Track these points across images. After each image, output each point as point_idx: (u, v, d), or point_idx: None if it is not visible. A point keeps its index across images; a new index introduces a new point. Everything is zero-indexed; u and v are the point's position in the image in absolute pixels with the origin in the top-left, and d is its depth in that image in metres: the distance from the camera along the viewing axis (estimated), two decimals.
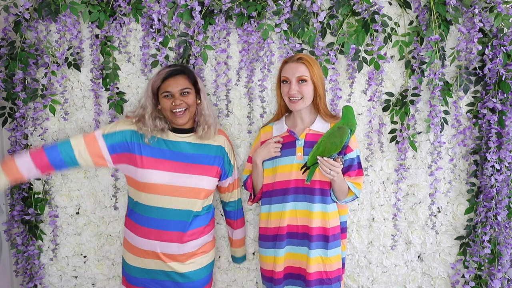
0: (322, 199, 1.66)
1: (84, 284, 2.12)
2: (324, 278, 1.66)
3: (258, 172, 1.76)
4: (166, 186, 1.62)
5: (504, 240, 1.83)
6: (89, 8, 1.85)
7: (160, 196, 1.62)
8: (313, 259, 1.65)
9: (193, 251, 1.68)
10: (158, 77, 1.63)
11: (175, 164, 1.64)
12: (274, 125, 1.78)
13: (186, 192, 1.63)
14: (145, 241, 1.64)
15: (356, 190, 1.65)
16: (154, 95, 1.66)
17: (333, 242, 1.67)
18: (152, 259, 1.66)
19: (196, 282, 1.70)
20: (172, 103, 1.61)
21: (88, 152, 1.61)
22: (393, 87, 1.90)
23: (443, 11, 1.74)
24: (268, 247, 1.73)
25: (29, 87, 1.93)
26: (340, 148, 1.54)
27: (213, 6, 1.83)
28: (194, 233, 1.67)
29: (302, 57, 1.64)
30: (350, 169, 1.67)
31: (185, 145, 1.68)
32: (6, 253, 2.08)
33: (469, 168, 1.89)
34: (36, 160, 1.57)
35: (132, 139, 1.64)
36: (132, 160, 1.63)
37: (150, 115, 1.64)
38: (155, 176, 1.61)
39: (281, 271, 1.70)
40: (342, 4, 1.80)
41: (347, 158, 1.67)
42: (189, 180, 1.63)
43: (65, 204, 2.05)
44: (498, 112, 1.78)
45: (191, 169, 1.65)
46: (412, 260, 1.99)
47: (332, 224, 1.66)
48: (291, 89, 1.63)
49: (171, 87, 1.61)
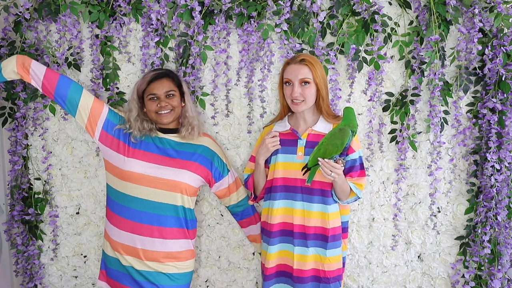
0: (322, 200, 1.65)
1: (84, 284, 2.12)
2: (321, 277, 1.66)
3: (259, 171, 1.76)
4: (147, 177, 1.65)
5: (504, 240, 1.83)
6: (89, 8, 1.85)
7: (140, 187, 1.66)
8: (309, 257, 1.66)
9: (175, 252, 1.69)
10: (144, 80, 1.71)
11: (158, 157, 1.70)
12: (277, 124, 1.78)
13: (166, 185, 1.66)
14: (125, 234, 1.67)
15: (358, 191, 1.65)
16: (139, 98, 1.73)
17: (333, 243, 1.66)
18: (131, 256, 1.67)
19: (175, 286, 1.70)
20: (158, 105, 1.68)
21: (90, 110, 1.67)
22: (393, 87, 1.90)
23: (443, 11, 1.74)
24: (264, 242, 1.74)
25: (29, 87, 1.93)
26: (341, 149, 1.53)
27: (213, 6, 1.83)
28: (175, 232, 1.69)
29: (304, 59, 1.63)
30: (352, 170, 1.67)
31: (170, 142, 1.74)
32: (6, 253, 2.08)
33: (469, 168, 1.89)
34: (48, 75, 1.65)
35: (112, 118, 1.72)
36: (119, 147, 1.69)
37: (135, 118, 1.70)
38: (138, 166, 1.66)
39: (272, 267, 1.70)
40: (342, 4, 1.80)
41: (349, 159, 1.67)
42: (169, 173, 1.67)
43: (65, 204, 2.06)
44: (498, 112, 1.78)
45: (172, 163, 1.70)
46: (412, 260, 1.99)
47: (333, 225, 1.66)
48: (293, 91, 1.62)
49: (157, 89, 1.68)
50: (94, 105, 1.69)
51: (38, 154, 2.03)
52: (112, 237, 1.71)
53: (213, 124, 1.96)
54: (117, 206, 1.69)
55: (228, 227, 2.02)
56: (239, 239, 2.03)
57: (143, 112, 1.73)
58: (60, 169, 2.04)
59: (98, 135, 1.70)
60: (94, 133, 1.70)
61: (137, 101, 1.72)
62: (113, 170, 1.70)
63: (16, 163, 1.98)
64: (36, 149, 2.03)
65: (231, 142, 1.98)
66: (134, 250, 1.67)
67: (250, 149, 1.97)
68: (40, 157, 2.03)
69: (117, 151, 1.69)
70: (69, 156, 2.03)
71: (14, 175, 2.00)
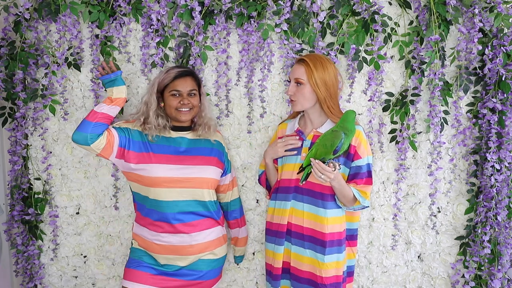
0: (321, 203, 1.64)
1: (84, 284, 2.12)
2: (318, 283, 1.64)
3: (269, 170, 1.80)
4: (172, 179, 1.65)
5: (504, 240, 1.83)
6: (89, 8, 1.85)
7: (169, 189, 1.65)
8: (306, 258, 1.66)
9: (211, 241, 1.73)
10: (168, 75, 1.69)
11: (177, 157, 1.69)
12: (289, 123, 1.79)
13: (192, 183, 1.67)
14: (167, 236, 1.67)
15: (361, 199, 1.60)
16: (158, 93, 1.71)
17: (332, 248, 1.63)
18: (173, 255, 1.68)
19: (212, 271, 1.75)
20: (180, 102, 1.68)
21: (106, 139, 1.63)
22: (393, 87, 1.90)
23: (443, 11, 1.74)
24: (270, 241, 1.75)
25: (29, 87, 1.93)
26: (331, 151, 1.49)
27: (213, 6, 1.83)
28: (208, 223, 1.72)
29: (304, 59, 1.63)
30: (357, 177, 1.63)
31: (184, 140, 1.74)
32: (6, 253, 2.08)
33: (469, 168, 1.89)
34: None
35: (135, 137, 1.68)
36: (138, 157, 1.66)
37: (154, 112, 1.69)
38: (161, 171, 1.65)
39: (279, 268, 1.71)
40: (342, 4, 1.80)
41: (354, 165, 1.63)
42: (192, 171, 1.68)
43: (65, 204, 2.05)
44: (498, 112, 1.78)
45: (193, 160, 1.71)
46: (412, 260, 1.99)
47: (332, 230, 1.63)
48: (289, 89, 1.65)
49: (181, 86, 1.68)
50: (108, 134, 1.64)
51: (38, 154, 2.03)
52: (153, 241, 1.69)
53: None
54: (155, 213, 1.67)
55: (228, 227, 2.02)
56: None
57: (159, 107, 1.72)
58: (60, 169, 2.04)
59: (114, 155, 1.66)
60: (109, 156, 1.66)
61: (156, 95, 1.71)
62: (138, 179, 1.68)
63: (16, 163, 1.98)
64: (36, 149, 2.03)
65: (231, 142, 1.98)
66: (176, 249, 1.68)
67: (250, 149, 1.97)
68: (40, 157, 2.03)
69: (137, 161, 1.66)
70: (69, 156, 2.03)
71: (14, 175, 2.00)
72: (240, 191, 1.99)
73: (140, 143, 1.68)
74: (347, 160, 1.64)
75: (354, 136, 1.58)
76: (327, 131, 1.55)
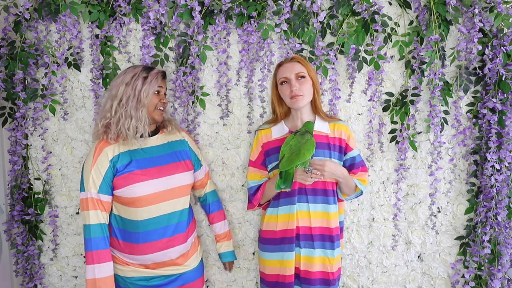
0: (326, 199, 1.66)
1: (84, 284, 2.12)
2: (330, 279, 1.67)
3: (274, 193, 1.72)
4: (155, 194, 1.57)
5: (504, 240, 1.83)
6: (89, 8, 1.86)
7: (153, 206, 1.57)
8: (316, 259, 1.65)
9: (192, 244, 1.73)
10: (155, 78, 1.59)
11: (155, 170, 1.60)
12: (273, 128, 1.75)
13: (175, 193, 1.62)
14: (156, 255, 1.60)
15: (362, 187, 1.70)
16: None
17: (338, 242, 1.69)
18: (166, 267, 1.65)
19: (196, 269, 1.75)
20: (161, 100, 1.64)
21: (105, 212, 1.57)
22: (393, 87, 1.90)
23: (443, 11, 1.74)
24: (275, 251, 1.70)
25: (29, 87, 1.93)
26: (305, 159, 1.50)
27: (213, 6, 1.83)
28: (190, 228, 1.71)
29: (295, 57, 1.68)
30: (354, 167, 1.70)
31: (156, 149, 1.65)
32: (6, 253, 2.08)
33: (469, 168, 1.89)
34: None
35: (113, 170, 1.56)
36: (120, 180, 1.55)
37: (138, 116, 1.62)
38: (142, 189, 1.55)
39: (292, 275, 1.67)
40: (342, 4, 1.80)
41: (348, 157, 1.70)
42: (172, 181, 1.62)
43: (65, 204, 2.05)
44: (498, 112, 1.78)
45: (170, 169, 1.63)
46: (412, 260, 1.99)
47: (335, 225, 1.68)
48: (292, 85, 1.62)
49: (164, 85, 1.67)
50: (102, 212, 1.56)
51: (38, 154, 2.03)
52: (139, 262, 1.62)
53: (212, 124, 1.97)
54: (136, 236, 1.58)
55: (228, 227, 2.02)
56: (239, 239, 2.03)
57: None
58: (60, 169, 2.04)
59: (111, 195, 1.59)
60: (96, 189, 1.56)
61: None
62: (125, 202, 1.57)
63: (16, 163, 1.98)
64: (36, 149, 2.03)
65: (231, 142, 1.98)
66: (169, 262, 1.64)
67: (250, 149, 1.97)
68: (40, 157, 2.03)
69: (121, 185, 1.55)
70: (69, 156, 2.03)
71: (14, 175, 2.00)
72: (240, 191, 2.00)
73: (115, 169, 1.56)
74: (340, 153, 1.69)
75: (343, 130, 1.69)
76: (298, 137, 1.53)
